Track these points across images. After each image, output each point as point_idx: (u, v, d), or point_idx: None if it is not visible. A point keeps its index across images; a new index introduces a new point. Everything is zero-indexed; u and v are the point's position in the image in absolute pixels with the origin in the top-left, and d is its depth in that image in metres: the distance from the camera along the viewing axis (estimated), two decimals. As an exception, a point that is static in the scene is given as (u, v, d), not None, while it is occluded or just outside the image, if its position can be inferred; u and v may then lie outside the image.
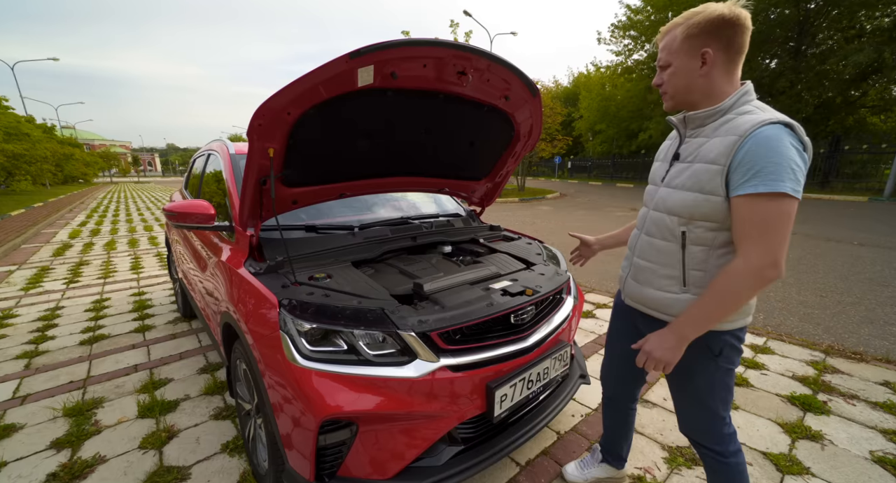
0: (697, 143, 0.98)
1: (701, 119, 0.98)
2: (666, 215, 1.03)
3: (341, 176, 1.73)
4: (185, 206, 1.77)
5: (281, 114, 1.26)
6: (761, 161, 0.83)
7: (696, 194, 0.95)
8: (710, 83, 0.95)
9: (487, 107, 1.81)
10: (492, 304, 1.39)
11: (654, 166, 1.17)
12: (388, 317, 1.26)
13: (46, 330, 3.09)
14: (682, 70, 0.96)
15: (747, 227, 0.87)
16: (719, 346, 1.02)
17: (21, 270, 5.07)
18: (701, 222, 0.96)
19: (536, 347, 1.47)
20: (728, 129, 0.91)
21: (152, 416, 1.98)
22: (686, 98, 1.00)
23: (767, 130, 0.84)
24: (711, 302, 0.92)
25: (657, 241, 1.07)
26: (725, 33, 0.90)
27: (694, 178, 0.96)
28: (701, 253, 0.98)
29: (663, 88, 1.02)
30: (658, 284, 1.07)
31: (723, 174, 0.89)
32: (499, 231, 2.40)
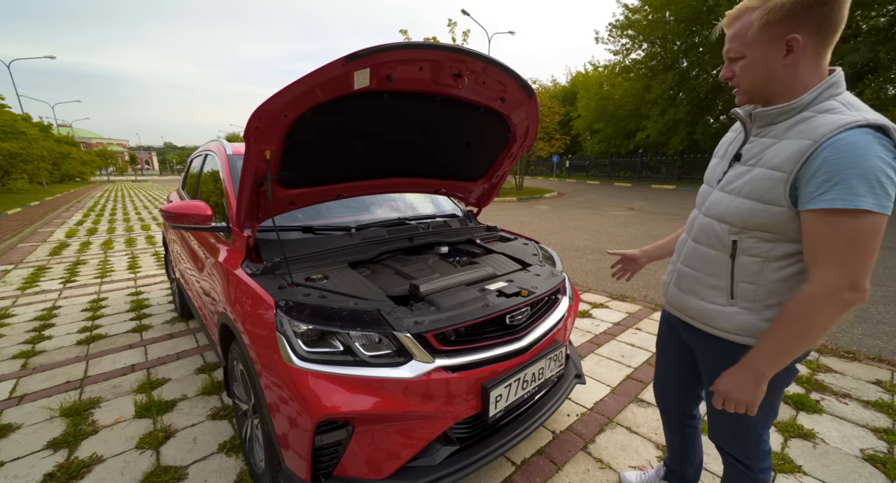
0: (764, 143, 0.86)
1: (771, 117, 0.85)
2: (716, 222, 0.94)
3: (338, 177, 1.74)
4: (182, 207, 1.77)
5: (278, 116, 1.26)
6: (840, 173, 0.72)
7: (753, 203, 0.85)
8: (795, 74, 0.80)
9: (483, 108, 1.82)
10: (487, 305, 1.40)
11: (712, 164, 1.06)
12: (383, 318, 1.27)
13: (43, 330, 3.08)
14: (760, 62, 0.82)
15: (822, 247, 0.76)
16: None
17: (17, 270, 5.05)
18: (757, 232, 0.87)
19: (531, 348, 1.48)
20: (802, 131, 0.79)
21: (149, 416, 1.98)
22: (764, 92, 0.86)
23: (851, 137, 0.72)
24: (786, 333, 0.81)
25: (704, 248, 0.98)
26: (819, 12, 0.75)
27: (753, 184, 0.85)
28: (753, 265, 0.89)
29: (735, 82, 0.89)
30: (702, 294, 0.99)
31: (787, 183, 0.79)
32: (495, 232, 2.41)
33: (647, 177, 22.09)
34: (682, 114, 19.66)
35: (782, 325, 0.82)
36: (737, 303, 0.92)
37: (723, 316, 0.95)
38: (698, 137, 19.40)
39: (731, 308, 0.93)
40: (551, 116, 15.27)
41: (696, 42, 19.34)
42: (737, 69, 0.86)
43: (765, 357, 0.84)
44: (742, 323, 0.92)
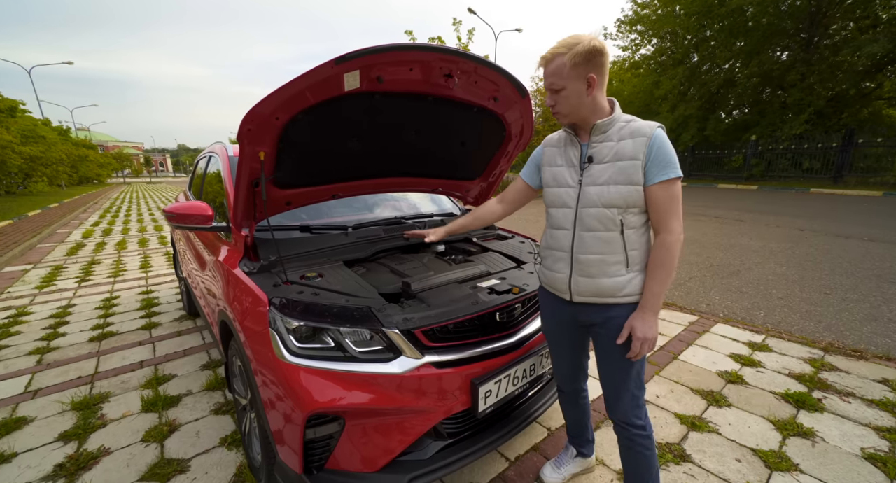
0: (608, 146, 1.14)
1: (604, 127, 1.15)
2: (605, 209, 1.15)
3: (333, 177, 1.77)
4: (184, 208, 1.82)
5: (269, 119, 1.30)
6: (664, 155, 1.07)
7: (628, 186, 1.11)
8: (595, 100, 1.13)
9: (477, 108, 1.83)
10: (477, 303, 1.42)
11: (555, 172, 1.27)
12: (374, 315, 1.29)
13: (58, 327, 3.20)
14: (574, 93, 1.11)
15: (668, 206, 1.09)
16: None
17: (36, 269, 5.23)
18: (632, 209, 1.13)
19: (522, 345, 1.49)
20: (633, 131, 1.11)
21: (155, 410, 2.05)
22: (579, 114, 1.16)
23: (660, 132, 1.10)
24: (662, 274, 1.11)
25: (602, 233, 1.17)
26: (600, 60, 1.09)
27: (623, 173, 1.11)
28: (634, 234, 1.15)
29: (556, 108, 1.17)
30: (610, 271, 1.18)
31: (642, 166, 1.09)
32: (493, 230, 2.42)
33: (656, 174, 21.72)
34: (693, 109, 19.31)
35: (661, 270, 1.12)
36: (632, 268, 1.16)
37: (629, 284, 1.17)
38: (709, 133, 19.03)
39: (630, 274, 1.16)
40: (558, 114, 15.15)
41: (707, 36, 18.99)
42: (558, 99, 1.14)
43: (657, 298, 1.13)
44: (639, 284, 1.17)
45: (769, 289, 3.78)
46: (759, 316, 3.16)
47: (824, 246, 5.45)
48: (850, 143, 13.81)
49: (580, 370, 1.46)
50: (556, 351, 1.43)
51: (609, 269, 1.17)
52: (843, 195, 11.84)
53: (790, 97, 16.08)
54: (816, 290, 3.70)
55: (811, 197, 11.54)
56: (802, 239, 5.89)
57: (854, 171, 13.88)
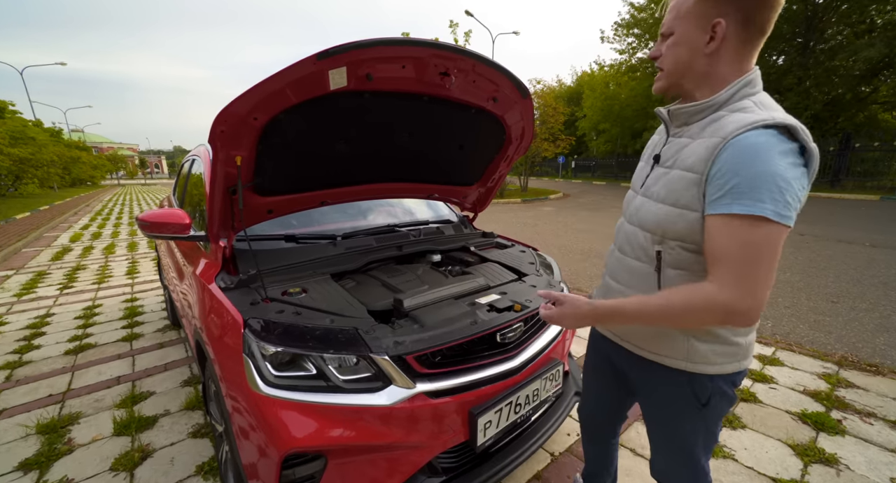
0: (680, 144, 0.81)
1: (687, 115, 0.81)
2: (639, 230, 0.87)
3: (320, 183, 1.64)
4: (158, 216, 1.69)
5: (246, 119, 1.17)
6: (737, 174, 0.67)
7: (669, 208, 0.79)
8: (714, 66, 0.76)
9: (475, 109, 1.71)
10: (476, 322, 1.29)
11: (638, 167, 1.00)
12: (361, 338, 1.16)
13: (33, 338, 3.03)
14: (685, 41, 0.77)
15: (722, 253, 0.70)
16: (707, 395, 0.85)
17: (18, 275, 5.05)
18: (677, 242, 0.79)
19: (525, 368, 1.36)
20: (714, 130, 0.74)
21: (128, 433, 1.90)
22: (681, 80, 0.82)
23: (752, 136, 0.67)
24: (655, 307, 0.75)
25: (629, 259, 0.90)
26: (747, 4, 0.71)
27: (669, 187, 0.80)
28: (679, 278, 0.80)
29: (659, 62, 0.83)
30: None
31: (700, 185, 0.73)
32: (492, 238, 2.30)
33: (654, 177, 21.71)
34: (690, 113, 19.32)
35: (658, 301, 0.76)
36: None
37: (665, 341, 0.85)
38: (706, 137, 19.01)
39: (662, 328, 0.85)
40: (556, 117, 15.09)
41: (703, 40, 19.02)
42: (665, 47, 0.82)
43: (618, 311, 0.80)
44: (676, 345, 0.84)
45: (774, 296, 3.67)
46: (766, 326, 3.04)
47: (826, 251, 5.37)
48: (847, 148, 13.85)
49: (614, 415, 1.20)
50: (589, 385, 1.22)
51: None
52: (841, 199, 11.82)
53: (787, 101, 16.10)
54: (823, 299, 3.60)
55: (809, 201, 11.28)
56: (804, 244, 5.81)
57: (851, 176, 13.91)
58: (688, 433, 0.91)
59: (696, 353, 0.82)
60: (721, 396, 0.86)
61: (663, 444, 0.97)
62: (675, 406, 0.89)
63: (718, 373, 0.83)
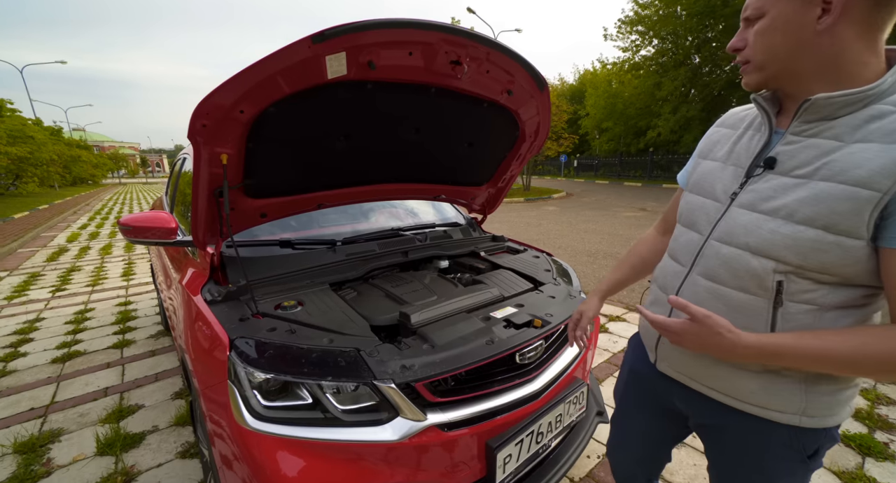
0: (821, 147, 0.62)
1: (835, 107, 0.60)
2: (750, 255, 0.67)
3: (318, 184, 1.50)
4: (141, 220, 1.55)
5: (231, 113, 1.02)
6: None
7: (818, 232, 0.60)
8: (836, 45, 0.57)
9: (488, 103, 1.57)
10: (493, 341, 1.14)
11: (707, 168, 0.79)
12: (363, 361, 1.02)
13: (20, 345, 2.90)
14: (784, 22, 0.60)
15: None
16: (815, 446, 0.70)
17: (11, 277, 4.92)
18: (813, 273, 0.61)
19: (546, 390, 1.22)
20: (892, 133, 0.56)
21: (112, 452, 1.76)
22: (788, 67, 0.63)
23: None
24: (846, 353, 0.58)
25: (729, 291, 0.70)
26: None
27: (818, 205, 0.60)
28: (805, 316, 0.63)
29: (745, 54, 0.66)
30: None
31: (877, 207, 0.55)
32: (502, 242, 2.15)
33: (657, 176, 21.54)
34: (696, 111, 19.11)
35: (848, 343, 0.58)
36: (777, 369, 0.67)
37: (756, 385, 0.69)
38: (712, 135, 18.82)
39: (769, 374, 0.68)
40: (559, 115, 14.93)
41: (709, 37, 18.80)
42: (752, 35, 0.65)
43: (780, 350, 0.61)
44: (786, 394, 0.67)
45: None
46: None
47: None
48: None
49: (651, 459, 1.02)
50: (622, 423, 1.03)
51: None
52: None
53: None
54: None
55: None
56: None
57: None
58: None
59: (815, 405, 0.67)
60: (830, 443, 0.71)
61: None
62: (776, 465, 0.73)
63: (833, 425, 0.69)
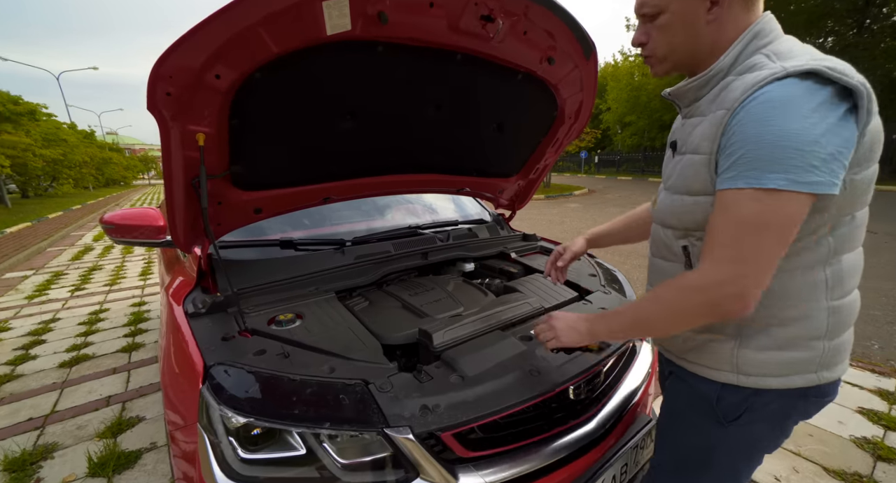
0: (692, 124, 0.70)
1: (693, 91, 0.69)
2: (661, 227, 0.78)
3: (321, 174, 1.27)
4: (127, 217, 1.37)
5: (203, 77, 0.79)
6: (745, 144, 0.57)
7: (683, 197, 0.70)
8: (719, 31, 0.65)
9: (523, 73, 1.30)
10: (538, 372, 0.89)
11: (665, 158, 0.83)
12: (372, 399, 0.78)
13: (32, 347, 2.83)
14: (680, 18, 0.65)
15: (719, 230, 0.61)
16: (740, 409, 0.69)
17: (36, 276, 4.98)
18: (700, 233, 0.68)
19: (608, 434, 0.95)
20: (721, 101, 0.63)
21: (104, 474, 1.60)
22: (687, 56, 0.69)
23: (762, 97, 0.56)
24: (645, 310, 0.71)
25: (657, 260, 0.81)
26: None
27: (682, 175, 0.70)
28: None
29: (649, 49, 0.71)
30: None
31: (710, 166, 0.64)
32: (535, 241, 1.88)
33: (685, 171, 20.56)
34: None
35: (647, 301, 0.70)
36: (719, 330, 0.71)
37: (707, 349, 0.73)
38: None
39: (707, 333, 0.72)
40: (581, 108, 14.38)
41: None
42: (653, 30, 0.69)
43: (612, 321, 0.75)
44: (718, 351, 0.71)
45: (867, 308, 3.08)
46: (872, 349, 2.49)
47: (881, 245, 4.65)
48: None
49: None
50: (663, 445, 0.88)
51: None
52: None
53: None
54: (874, 301, 2.99)
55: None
56: (880, 245, 5.07)
57: (915, 165, 12.58)
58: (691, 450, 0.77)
59: (749, 363, 0.68)
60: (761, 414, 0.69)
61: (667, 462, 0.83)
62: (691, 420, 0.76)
63: (780, 386, 0.67)
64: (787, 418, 0.70)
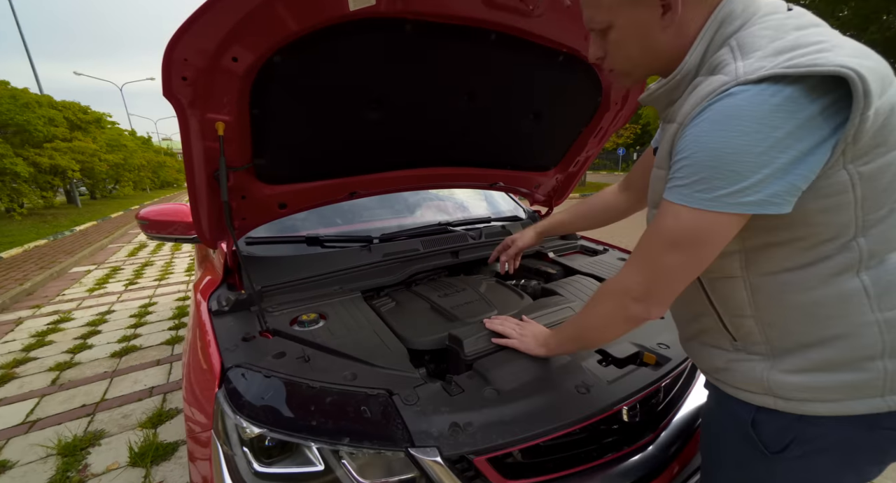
0: (668, 130, 0.60)
1: (665, 95, 0.61)
2: None
3: (348, 167, 1.21)
4: (160, 213, 1.38)
5: (220, 60, 0.75)
6: (686, 157, 0.51)
7: (654, 211, 0.65)
8: (682, 34, 0.55)
9: (564, 54, 1.18)
10: (587, 388, 0.77)
11: None
12: (396, 412, 0.70)
13: (89, 337, 3.04)
14: (633, 29, 0.58)
15: (641, 240, 0.60)
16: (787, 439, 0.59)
17: (97, 270, 5.40)
18: None
19: (671, 462, 0.81)
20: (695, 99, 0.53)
21: (143, 464, 1.65)
22: (651, 66, 0.62)
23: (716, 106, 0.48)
24: (582, 317, 0.73)
25: None
26: None
27: (653, 189, 0.66)
28: (727, 287, 0.61)
29: (608, 64, 0.65)
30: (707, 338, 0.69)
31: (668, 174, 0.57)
32: (574, 241, 1.74)
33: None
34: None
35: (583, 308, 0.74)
36: (744, 346, 0.62)
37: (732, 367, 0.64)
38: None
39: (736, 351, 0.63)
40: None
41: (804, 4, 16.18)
42: (609, 46, 0.62)
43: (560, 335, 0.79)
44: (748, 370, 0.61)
45: None
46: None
47: None
48: None
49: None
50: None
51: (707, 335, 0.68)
52: None
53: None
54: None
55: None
56: None
57: None
58: None
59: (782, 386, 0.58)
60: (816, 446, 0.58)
61: None
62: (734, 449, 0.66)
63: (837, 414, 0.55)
64: (856, 453, 0.57)
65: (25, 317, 3.55)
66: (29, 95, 10.50)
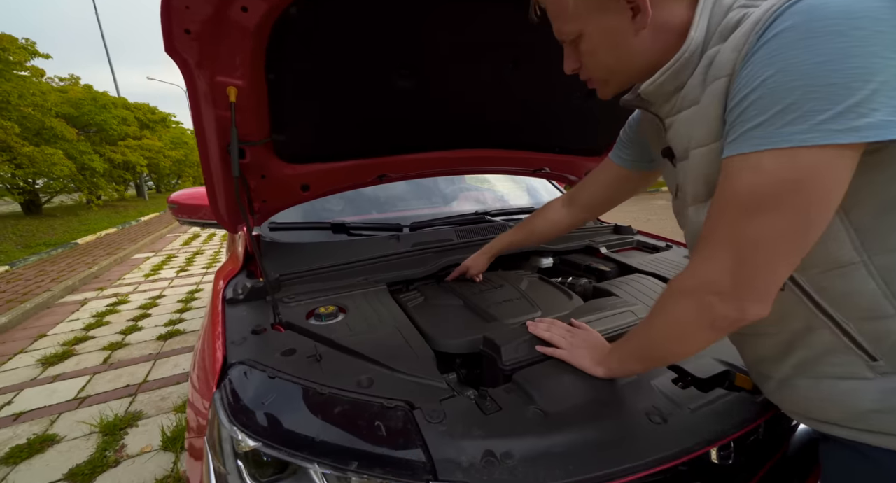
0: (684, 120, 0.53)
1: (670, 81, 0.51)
2: None
3: (376, 146, 1.10)
4: (190, 196, 1.35)
5: (228, 9, 0.64)
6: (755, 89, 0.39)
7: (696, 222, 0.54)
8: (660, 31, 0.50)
9: (632, 9, 0.97)
10: (663, 418, 0.59)
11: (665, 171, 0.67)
12: (417, 432, 0.57)
13: (141, 319, 3.21)
14: (603, 37, 0.52)
15: (708, 216, 0.48)
16: None
17: (155, 257, 5.81)
18: None
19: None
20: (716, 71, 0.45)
21: (174, 449, 1.66)
22: (630, 72, 0.55)
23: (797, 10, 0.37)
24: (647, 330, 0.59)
25: None
26: None
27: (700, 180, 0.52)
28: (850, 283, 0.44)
29: (585, 73, 0.59)
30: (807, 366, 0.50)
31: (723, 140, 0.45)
32: (630, 235, 1.52)
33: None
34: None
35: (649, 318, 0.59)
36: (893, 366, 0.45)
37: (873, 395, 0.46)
38: None
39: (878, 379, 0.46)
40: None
41: None
42: (583, 56, 0.57)
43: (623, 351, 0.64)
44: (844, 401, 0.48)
45: None
46: None
47: None
48: None
49: None
50: None
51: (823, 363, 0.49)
52: None
53: None
54: None
55: None
56: None
57: None
58: None
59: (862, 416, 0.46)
60: None
61: None
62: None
63: None
64: None
65: (90, 298, 3.84)
66: (107, 98, 11.60)
